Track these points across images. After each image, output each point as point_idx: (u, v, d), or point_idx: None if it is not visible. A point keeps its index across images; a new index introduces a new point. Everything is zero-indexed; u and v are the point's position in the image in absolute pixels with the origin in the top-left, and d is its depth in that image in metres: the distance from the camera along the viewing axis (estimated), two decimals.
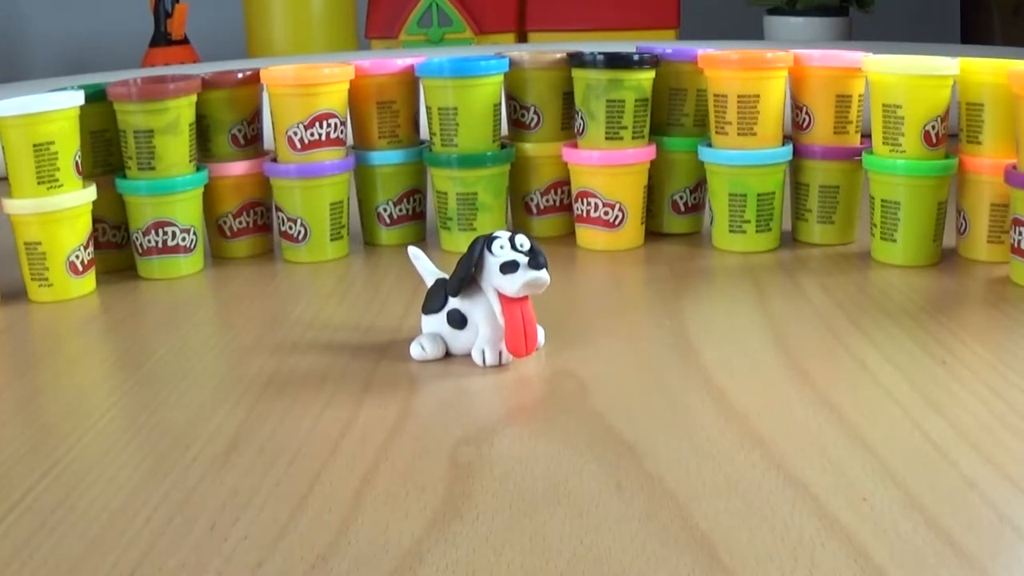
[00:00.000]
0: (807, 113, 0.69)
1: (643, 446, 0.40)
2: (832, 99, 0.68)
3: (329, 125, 0.69)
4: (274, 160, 0.71)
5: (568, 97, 0.73)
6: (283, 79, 0.69)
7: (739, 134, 0.67)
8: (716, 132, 0.69)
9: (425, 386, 0.47)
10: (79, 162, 0.65)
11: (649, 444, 0.40)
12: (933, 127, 0.63)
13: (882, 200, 0.65)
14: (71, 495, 0.38)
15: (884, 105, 0.64)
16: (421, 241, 0.76)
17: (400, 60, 0.72)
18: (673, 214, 0.74)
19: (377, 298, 0.62)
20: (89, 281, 0.66)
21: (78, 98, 0.64)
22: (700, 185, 0.74)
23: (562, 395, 0.45)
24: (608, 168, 0.69)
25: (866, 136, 0.69)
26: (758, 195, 0.68)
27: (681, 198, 0.74)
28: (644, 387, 0.46)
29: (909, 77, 0.62)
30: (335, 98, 0.70)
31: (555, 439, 0.41)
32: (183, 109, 0.67)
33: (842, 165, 0.69)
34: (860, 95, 0.68)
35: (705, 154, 0.69)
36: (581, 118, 0.70)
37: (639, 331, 0.54)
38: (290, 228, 0.71)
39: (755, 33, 1.35)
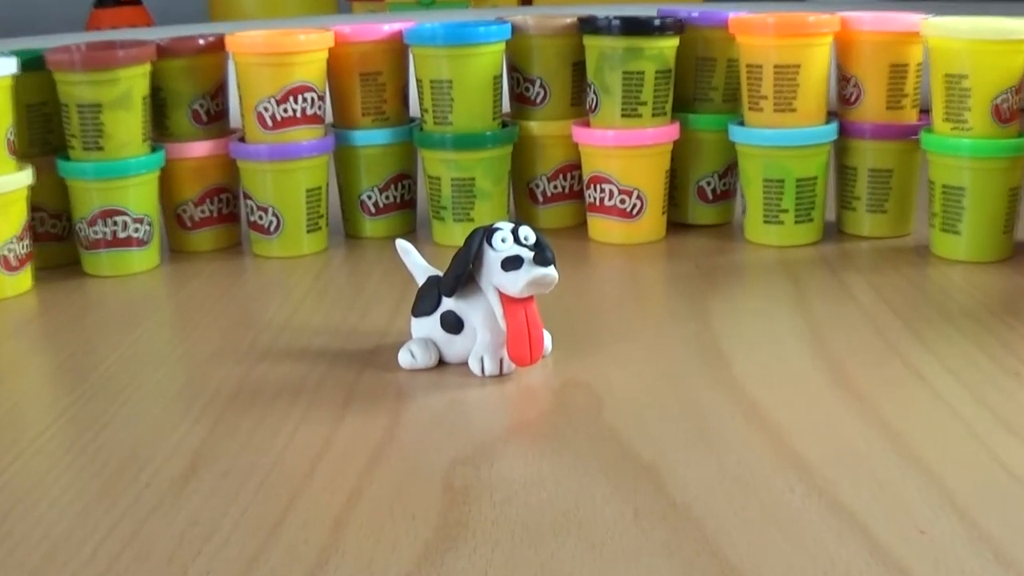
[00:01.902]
0: (855, 85, 0.69)
1: (665, 468, 0.40)
2: (885, 69, 0.68)
3: (305, 100, 0.69)
4: (242, 140, 0.71)
5: (579, 68, 0.73)
6: (252, 46, 0.69)
7: (776, 110, 0.67)
8: (749, 108, 0.69)
9: (415, 399, 0.47)
10: (12, 140, 0.65)
11: (672, 466, 0.40)
12: (1004, 100, 0.63)
13: (943, 186, 0.65)
14: (6, 523, 0.38)
15: (946, 75, 0.64)
16: (411, 233, 0.76)
17: (387, 26, 0.72)
18: (699, 202, 0.74)
19: (360, 298, 0.62)
20: (25, 278, 0.66)
21: (10, 66, 0.64)
22: (730, 169, 0.74)
23: (572, 409, 0.45)
24: (625, 150, 0.69)
25: (924, 112, 0.69)
26: (797, 180, 0.68)
27: (708, 184, 0.74)
28: (666, 400, 0.46)
29: (976, 42, 0.62)
30: (312, 69, 0.70)
31: (564, 460, 0.41)
32: (135, 80, 0.67)
33: (896, 146, 0.69)
34: (918, 64, 0.68)
35: (737, 133, 0.69)
36: (594, 92, 0.70)
37: (660, 336, 0.54)
38: (260, 218, 0.71)
39: None
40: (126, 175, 0.67)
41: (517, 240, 0.48)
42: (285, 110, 0.69)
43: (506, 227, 0.48)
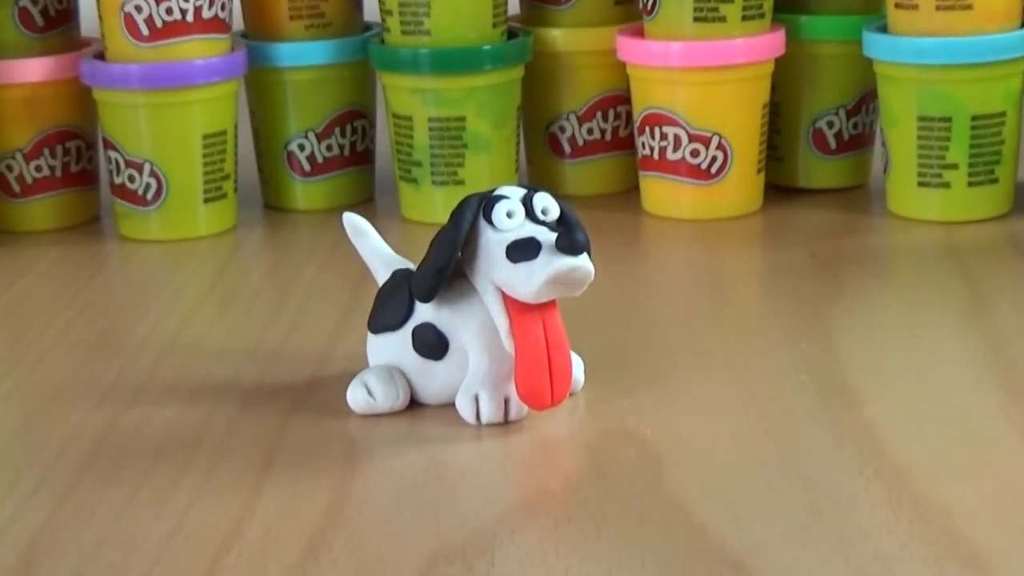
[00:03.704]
0: None
1: (761, 566, 0.40)
2: None
3: None
4: (100, 57, 0.72)
5: None
6: None
7: (940, 7, 0.68)
8: (896, 5, 0.69)
9: (374, 460, 0.47)
10: None
11: (773, 567, 0.40)
12: None
13: None
14: None
15: None
16: (366, 204, 0.76)
17: None
18: (816, 154, 0.75)
19: (288, 304, 0.63)
20: None
21: None
22: (865, 103, 0.74)
23: (616, 476, 0.46)
24: (699, 73, 0.70)
25: None
26: (973, 119, 0.68)
27: (831, 126, 0.74)
28: (762, 462, 0.46)
29: None
30: None
31: (603, 553, 0.41)
32: None
33: None
34: None
35: (876, 45, 0.70)
36: None
37: (753, 363, 0.54)
38: (131, 180, 0.71)
39: None
40: None
41: (531, 215, 0.48)
42: (169, 10, 0.69)
43: (514, 195, 0.48)
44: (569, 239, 0.46)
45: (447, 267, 0.48)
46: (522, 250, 0.47)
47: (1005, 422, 0.48)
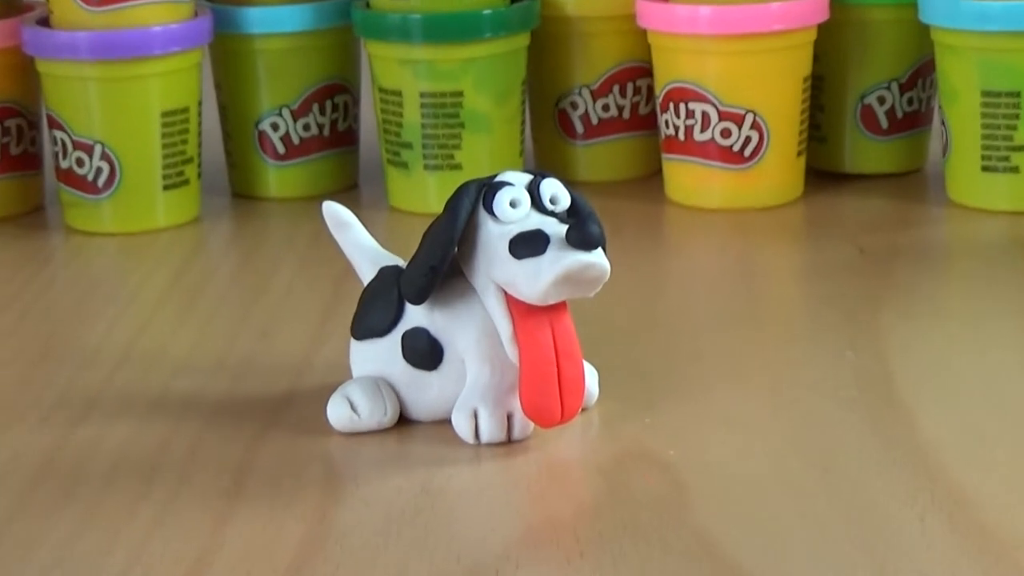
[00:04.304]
0: None
1: None
2: None
3: None
4: (45, 23, 0.72)
5: None
6: None
7: None
8: None
9: (358, 486, 0.47)
10: None
11: None
12: None
13: None
14: None
15: None
16: (349, 191, 0.76)
17: None
18: (865, 135, 0.75)
19: (259, 307, 0.63)
20: None
21: None
22: (920, 76, 0.75)
23: (635, 504, 0.46)
24: (731, 41, 0.70)
25: None
26: None
27: (882, 102, 0.74)
28: (802, 488, 0.46)
29: None
30: None
31: None
32: None
33: None
34: None
35: (933, 9, 0.70)
36: None
37: (791, 374, 0.54)
38: (80, 164, 0.71)
39: None
40: None
41: (538, 204, 0.48)
42: None
43: (519, 181, 0.48)
44: (581, 232, 0.46)
45: (442, 264, 0.48)
46: (528, 244, 0.47)
47: None
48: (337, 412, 0.50)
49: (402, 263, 0.51)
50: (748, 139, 0.70)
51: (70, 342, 0.60)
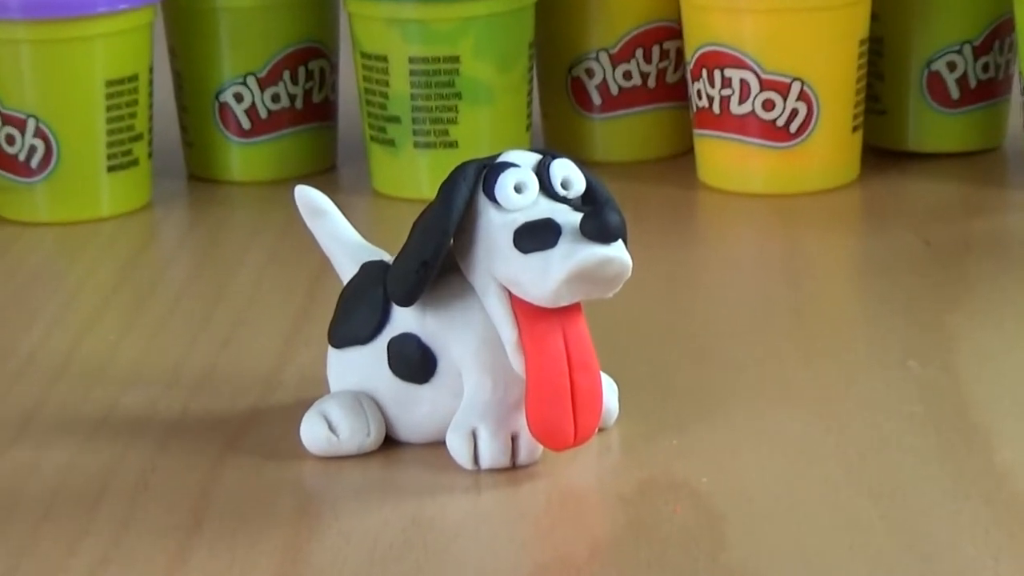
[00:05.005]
0: None
1: None
2: None
3: None
4: None
5: None
6: None
7: None
8: None
9: (337, 517, 0.47)
10: None
11: None
12: None
13: None
14: None
15: None
16: (326, 173, 0.77)
17: None
18: (932, 107, 0.75)
19: (221, 309, 0.63)
20: None
21: None
22: (997, 37, 0.75)
23: (661, 539, 0.46)
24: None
25: None
26: None
27: (952, 68, 0.74)
28: (857, 521, 0.46)
29: None
30: None
31: None
32: None
33: None
34: None
35: None
36: None
37: (844, 388, 0.54)
38: (10, 142, 0.71)
39: None
40: None
41: (547, 188, 0.48)
42: None
43: (525, 162, 0.48)
44: (598, 221, 0.46)
45: (434, 259, 0.48)
46: (535, 236, 0.47)
47: None
48: (312, 432, 0.51)
49: (388, 258, 0.52)
50: (794, 112, 0.70)
51: (0, 349, 0.60)
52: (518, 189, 0.48)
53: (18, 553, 0.46)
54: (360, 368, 0.51)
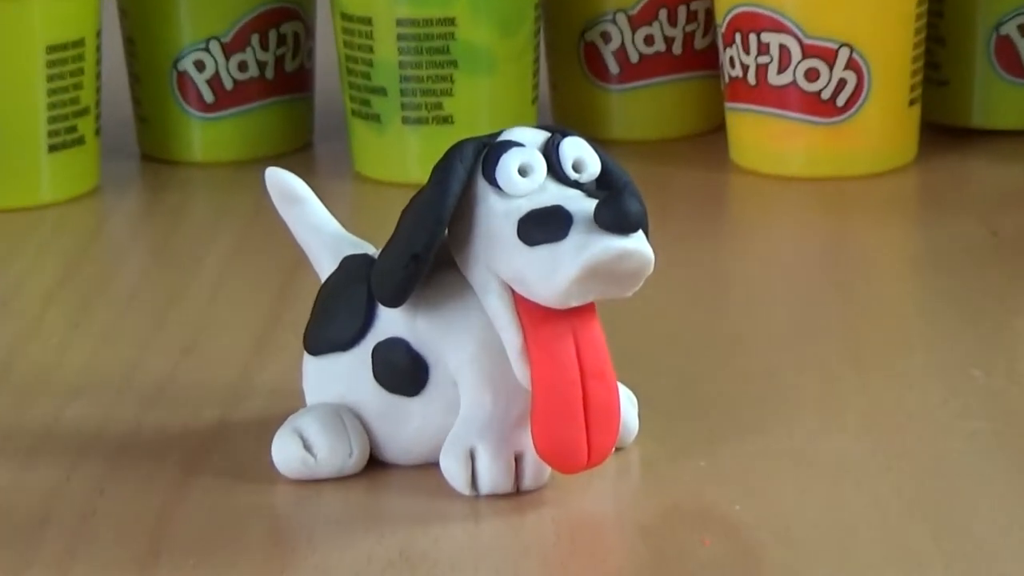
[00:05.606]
0: None
1: None
2: None
3: None
4: None
5: None
6: None
7: None
8: None
9: (314, 549, 0.47)
10: None
11: None
12: None
13: None
14: None
15: None
16: (301, 152, 0.77)
17: None
18: (1002, 76, 0.75)
19: (180, 309, 0.63)
20: None
21: None
22: None
23: (689, 573, 0.46)
24: None
25: None
26: None
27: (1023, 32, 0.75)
28: (914, 553, 0.46)
29: None
30: None
31: None
32: None
33: None
34: None
35: None
36: None
37: (898, 400, 0.54)
38: None
39: None
40: None
41: (556, 171, 0.48)
42: None
43: (531, 140, 0.49)
44: (615, 209, 0.46)
45: (427, 252, 0.48)
46: (543, 226, 0.47)
47: None
48: (286, 452, 0.51)
49: (373, 251, 0.52)
50: (842, 83, 0.71)
51: None
52: (523, 172, 0.48)
53: None
54: (341, 378, 0.51)
